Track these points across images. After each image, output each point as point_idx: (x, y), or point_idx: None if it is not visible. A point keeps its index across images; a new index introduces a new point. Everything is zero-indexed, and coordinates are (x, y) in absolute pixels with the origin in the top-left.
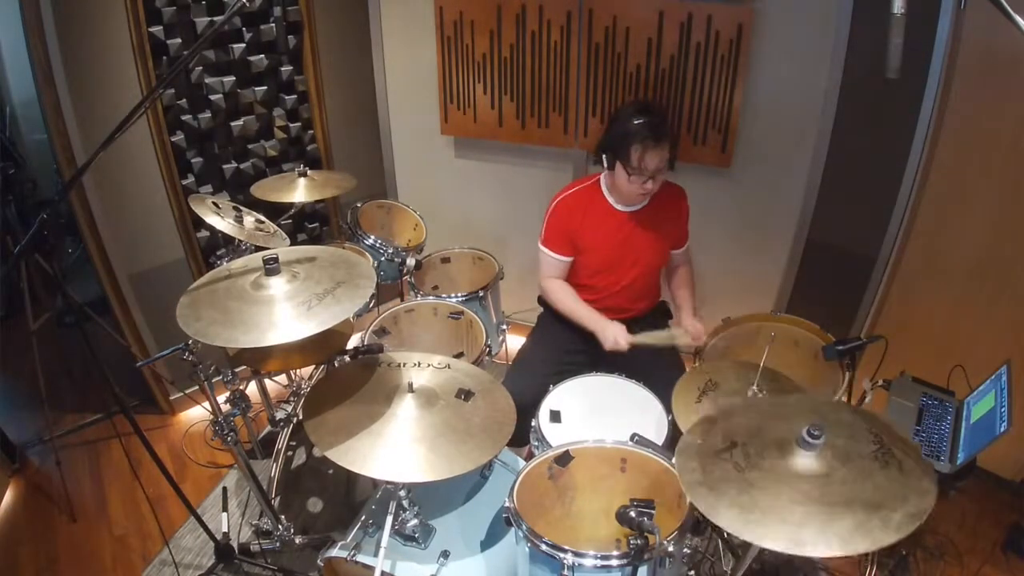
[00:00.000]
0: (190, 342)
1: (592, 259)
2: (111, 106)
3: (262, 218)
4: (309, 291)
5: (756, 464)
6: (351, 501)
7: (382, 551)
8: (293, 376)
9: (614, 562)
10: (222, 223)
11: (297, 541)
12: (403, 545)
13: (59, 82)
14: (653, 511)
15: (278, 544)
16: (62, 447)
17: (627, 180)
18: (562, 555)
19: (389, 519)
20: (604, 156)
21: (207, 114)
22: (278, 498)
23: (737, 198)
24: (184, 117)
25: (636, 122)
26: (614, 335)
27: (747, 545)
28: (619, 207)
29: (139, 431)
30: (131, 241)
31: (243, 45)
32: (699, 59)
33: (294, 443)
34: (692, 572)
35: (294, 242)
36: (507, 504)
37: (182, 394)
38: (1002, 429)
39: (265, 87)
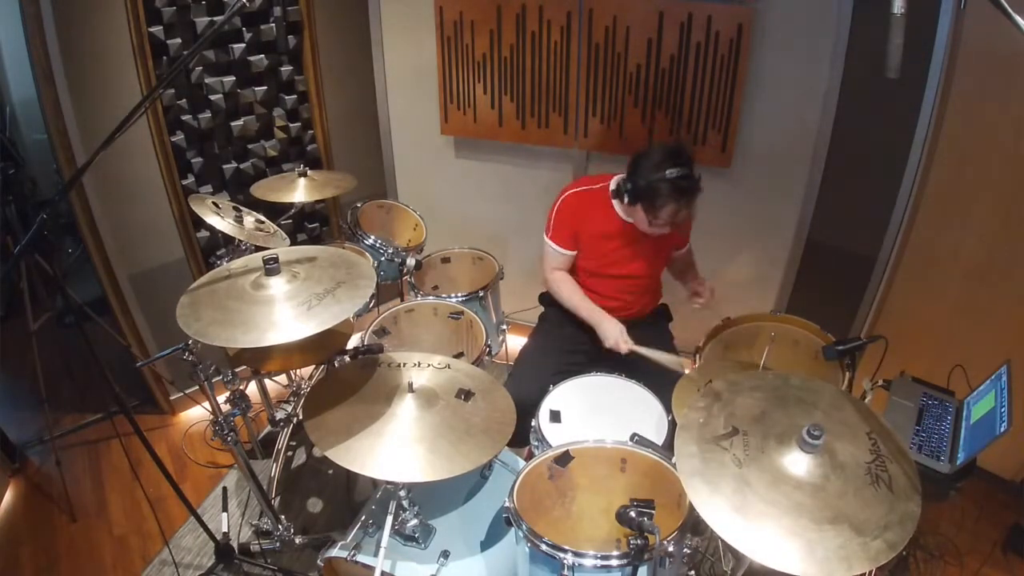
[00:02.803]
0: (190, 342)
1: (590, 260)
2: (111, 106)
3: (262, 218)
4: (309, 291)
5: (755, 459)
6: (351, 501)
7: (382, 551)
8: (293, 376)
9: (614, 562)
10: (222, 223)
11: (297, 541)
12: (403, 545)
13: (59, 82)
14: (653, 511)
15: (278, 544)
16: (62, 447)
17: (647, 224)
18: (562, 555)
19: (389, 519)
20: (626, 197)
21: (207, 114)
22: (278, 498)
23: (737, 198)
24: (184, 117)
25: (668, 176)
26: (615, 337)
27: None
28: (623, 217)
29: (139, 431)
30: (131, 241)
31: (243, 45)
32: (699, 59)
33: (294, 443)
34: (692, 572)
35: (294, 242)
36: (507, 504)
37: (182, 394)
38: (1002, 429)
39: (265, 87)
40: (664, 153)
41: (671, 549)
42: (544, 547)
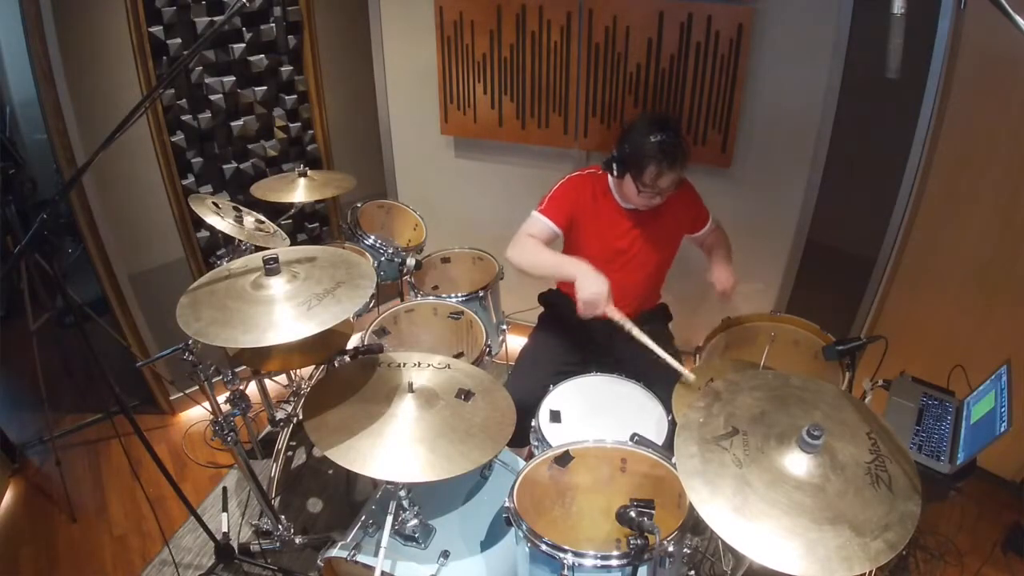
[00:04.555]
0: (190, 342)
1: (588, 249)
2: (111, 106)
3: (262, 218)
4: (309, 291)
5: (755, 459)
6: (351, 501)
7: (382, 551)
8: (293, 376)
9: (614, 562)
10: (222, 223)
11: (297, 541)
12: (403, 545)
13: (59, 82)
14: (653, 511)
15: (278, 544)
16: (62, 447)
17: (636, 193)
18: (562, 555)
19: (389, 519)
20: (614, 166)
21: (207, 114)
22: (278, 498)
23: (737, 198)
24: (184, 117)
25: (653, 140)
26: (598, 292)
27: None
28: (623, 205)
29: (139, 431)
30: (131, 241)
31: (243, 45)
32: (699, 59)
33: (294, 443)
34: (692, 572)
35: (294, 242)
36: (507, 504)
37: (182, 394)
38: (1002, 429)
39: (265, 87)
40: (649, 120)
41: (671, 549)
42: (544, 547)
